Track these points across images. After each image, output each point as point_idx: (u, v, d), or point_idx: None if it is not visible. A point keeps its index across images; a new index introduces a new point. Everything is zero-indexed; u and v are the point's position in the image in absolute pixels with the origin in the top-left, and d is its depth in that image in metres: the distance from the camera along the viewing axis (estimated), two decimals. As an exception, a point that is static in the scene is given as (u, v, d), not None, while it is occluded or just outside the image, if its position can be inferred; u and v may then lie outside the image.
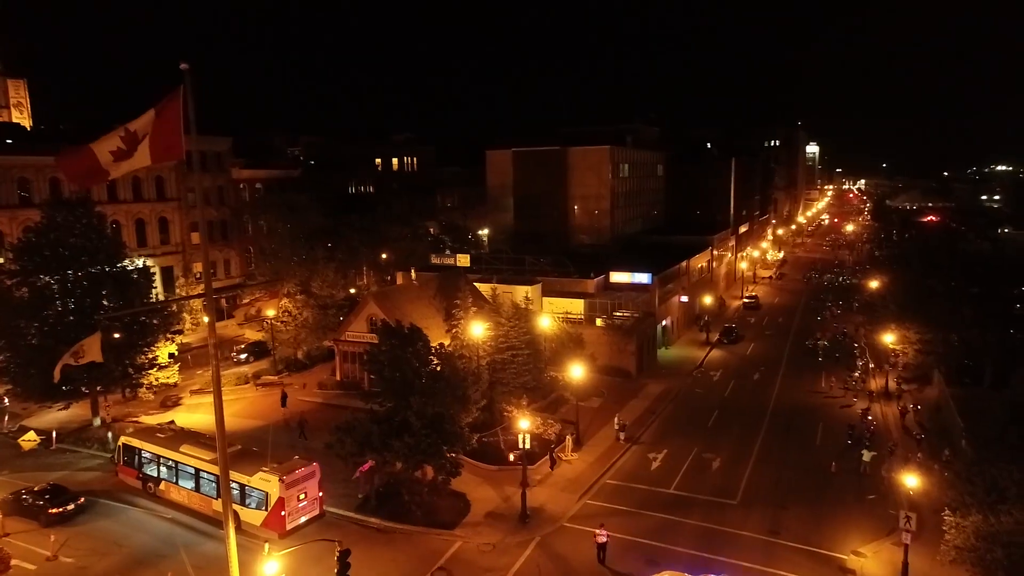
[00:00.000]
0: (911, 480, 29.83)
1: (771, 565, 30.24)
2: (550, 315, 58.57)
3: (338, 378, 55.32)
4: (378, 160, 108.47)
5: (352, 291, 73.82)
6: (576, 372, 46.19)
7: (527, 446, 35.97)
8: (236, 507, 31.90)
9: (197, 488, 34.55)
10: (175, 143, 14.85)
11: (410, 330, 36.55)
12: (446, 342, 44.74)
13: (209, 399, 49.76)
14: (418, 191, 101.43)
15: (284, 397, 50.18)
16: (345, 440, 33.40)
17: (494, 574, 29.64)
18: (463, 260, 69.81)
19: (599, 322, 61.18)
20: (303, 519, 32.55)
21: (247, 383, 55.98)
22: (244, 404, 51.86)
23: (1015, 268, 66.65)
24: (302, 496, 32.48)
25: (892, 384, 54.77)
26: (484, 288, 58.82)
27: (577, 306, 62.66)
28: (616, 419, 46.04)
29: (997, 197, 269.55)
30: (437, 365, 37.35)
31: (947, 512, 26.06)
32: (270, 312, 58.62)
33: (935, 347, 53.40)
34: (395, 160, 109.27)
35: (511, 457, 39.29)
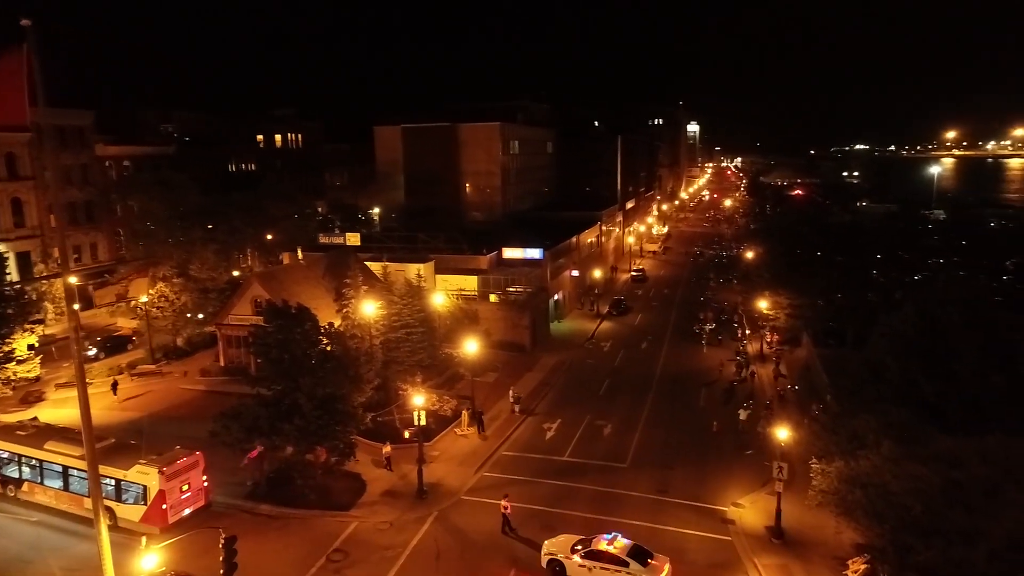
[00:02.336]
0: (783, 433, 32.00)
1: (660, 522, 31.74)
2: (444, 292, 58.39)
3: (222, 364, 52.85)
4: (260, 136, 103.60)
5: (236, 273, 70.45)
6: (471, 348, 46.33)
7: (423, 423, 35.81)
8: (111, 503, 30.00)
9: (66, 487, 32.12)
10: (17, 106, 13.45)
11: (298, 310, 35.28)
12: (337, 322, 43.61)
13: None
14: (304, 168, 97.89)
15: (115, 385, 47.68)
16: (231, 426, 31.99)
17: (392, 551, 29.45)
18: (353, 239, 68.19)
19: (493, 298, 61.55)
20: (187, 511, 30.97)
21: (121, 374, 52.42)
22: (119, 395, 48.59)
23: (872, 238, 72.72)
24: (185, 487, 30.89)
25: (767, 347, 58.48)
26: (375, 267, 57.78)
27: (471, 283, 62.74)
28: (511, 392, 46.64)
29: (856, 173, 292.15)
30: (328, 345, 36.31)
31: (814, 461, 28.15)
32: (143, 298, 54.94)
33: (804, 311, 57.46)
34: (278, 136, 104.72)
35: (406, 434, 39.02)
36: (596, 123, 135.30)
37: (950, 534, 21.35)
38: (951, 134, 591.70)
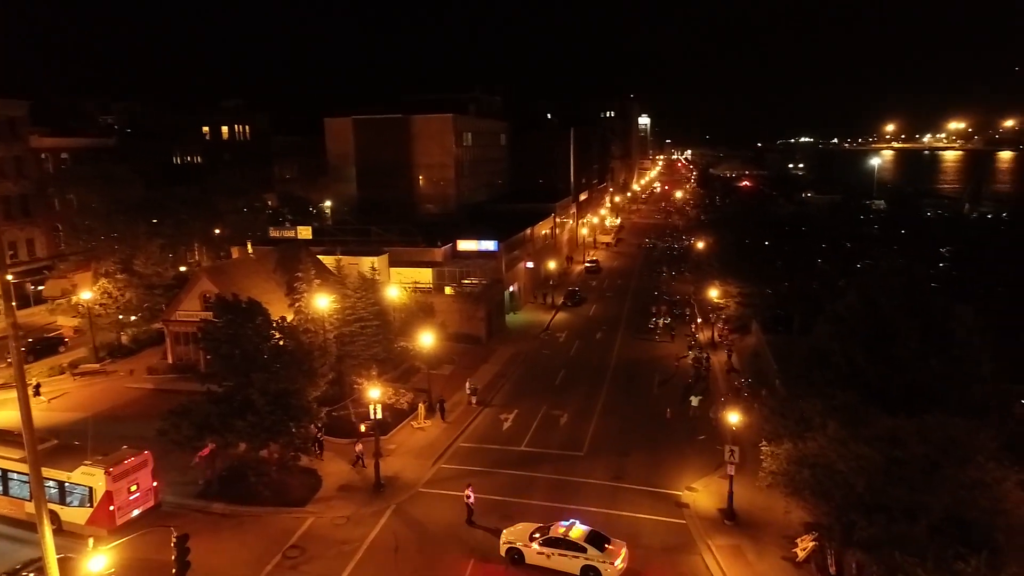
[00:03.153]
0: (734, 418, 32.79)
1: (616, 507, 32.24)
2: (399, 285, 57.94)
3: (170, 361, 51.48)
4: (206, 128, 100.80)
5: (183, 269, 68.67)
6: (427, 341, 46.14)
7: (379, 416, 35.57)
8: (55, 507, 29.00)
9: (5, 491, 30.93)
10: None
11: (249, 304, 34.60)
12: (289, 316, 42.90)
13: (15, 394, 44.51)
14: (253, 161, 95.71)
15: (37, 387, 45.88)
16: (180, 424, 31.20)
17: (350, 546, 29.23)
18: (304, 232, 67.09)
19: (448, 290, 61.39)
20: (136, 512, 30.16)
21: (63, 373, 50.63)
22: (62, 396, 46.95)
23: (816, 228, 74.87)
24: (133, 488, 30.07)
25: (718, 335, 59.75)
26: (328, 260, 56.97)
27: (426, 275, 62.42)
28: (468, 384, 46.66)
29: (801, 165, 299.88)
30: (280, 340, 35.74)
31: (764, 443, 28.93)
32: (84, 294, 53.02)
33: (753, 300, 58.86)
34: (225, 128, 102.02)
35: (362, 428, 38.69)
36: (549, 115, 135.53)
37: (892, 510, 22.23)
38: (890, 127, 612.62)
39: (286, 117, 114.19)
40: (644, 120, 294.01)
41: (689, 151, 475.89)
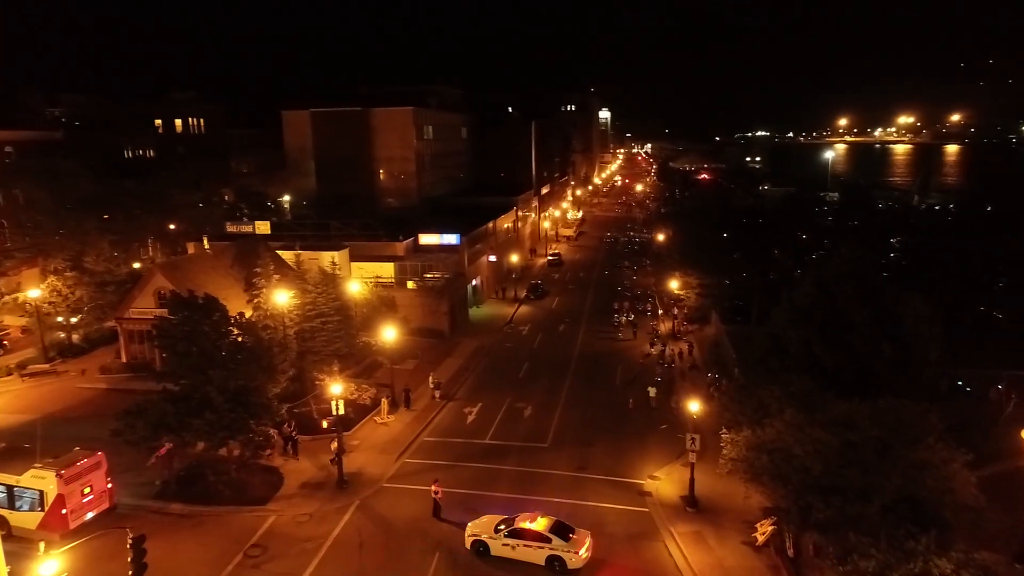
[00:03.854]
0: (694, 406, 33.30)
1: (580, 498, 32.52)
2: (360, 280, 57.36)
3: (124, 360, 50.15)
4: (158, 121, 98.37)
5: (137, 265, 66.82)
6: (389, 335, 45.81)
7: (341, 412, 35.23)
8: (4, 512, 28.28)
9: (-50, 497, 29.79)
10: None
11: (205, 300, 33.89)
12: (248, 312, 42.14)
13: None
14: (208, 155, 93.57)
15: None
16: (136, 424, 30.44)
17: (313, 543, 28.92)
18: (263, 227, 65.81)
19: (411, 284, 61.00)
20: (90, 515, 29.33)
21: (10, 375, 48.94)
22: (9, 398, 45.44)
23: (773, 220, 76.28)
24: (87, 490, 29.24)
25: (679, 326, 60.56)
26: (287, 255, 56.09)
27: (387, 269, 61.93)
28: (431, 378, 46.50)
29: (758, 159, 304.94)
30: (239, 336, 35.09)
31: (724, 431, 29.50)
32: (31, 292, 51.28)
33: (712, 291, 59.84)
34: (178, 121, 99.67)
35: (324, 424, 38.28)
36: (510, 109, 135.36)
37: (847, 492, 22.88)
38: (843, 121, 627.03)
39: (243, 110, 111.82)
40: (605, 114, 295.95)
41: (649, 145, 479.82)
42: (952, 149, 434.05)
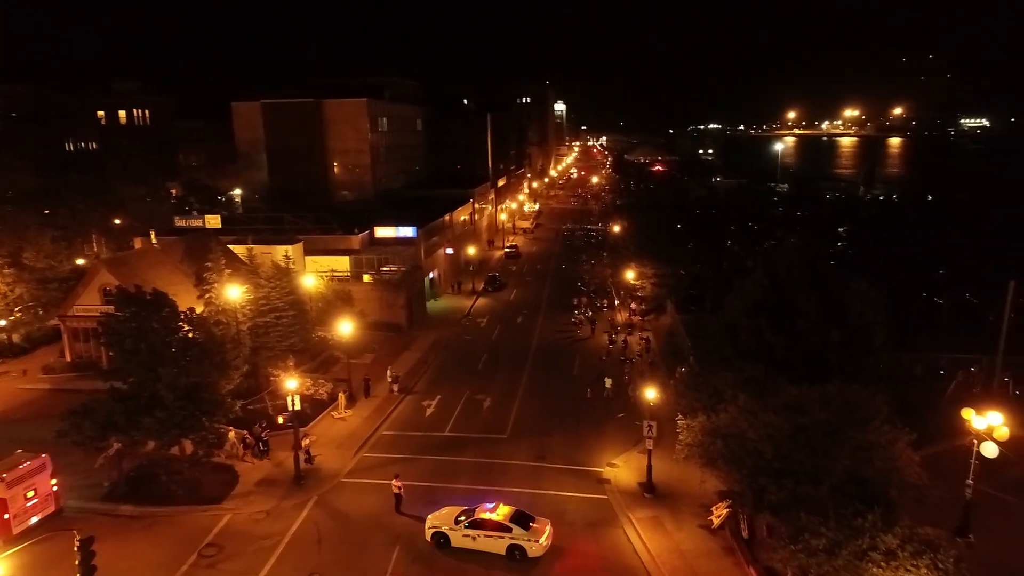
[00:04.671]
0: (651, 394, 33.79)
1: (540, 487, 32.71)
2: (315, 274, 56.57)
3: (69, 359, 48.53)
4: (101, 113, 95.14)
5: (81, 261, 64.62)
6: (346, 329, 45.32)
7: (297, 408, 34.74)
8: (-58, 519, 26.92)
9: None
10: None
11: (153, 296, 32.95)
12: (199, 308, 41.14)
13: None
14: (155, 147, 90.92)
15: None
16: (82, 424, 29.49)
17: (271, 540, 28.47)
18: (213, 221, 64.36)
19: (367, 278, 60.38)
20: (34, 519, 28.37)
21: (-54, 377, 46.95)
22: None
23: (726, 211, 77.83)
24: (31, 494, 28.25)
25: (635, 316, 61.27)
26: (239, 250, 54.85)
27: (343, 263, 61.16)
28: (389, 372, 46.15)
29: (711, 151, 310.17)
30: (189, 332, 34.25)
31: (680, 418, 29.99)
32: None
33: (667, 281, 60.75)
34: (122, 112, 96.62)
35: (280, 420, 37.70)
36: (465, 101, 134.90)
37: (798, 474, 23.53)
38: (792, 114, 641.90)
39: (191, 101, 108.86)
40: (560, 106, 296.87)
41: (604, 137, 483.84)
42: (895, 141, 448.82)
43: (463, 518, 28.00)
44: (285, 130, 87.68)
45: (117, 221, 70.21)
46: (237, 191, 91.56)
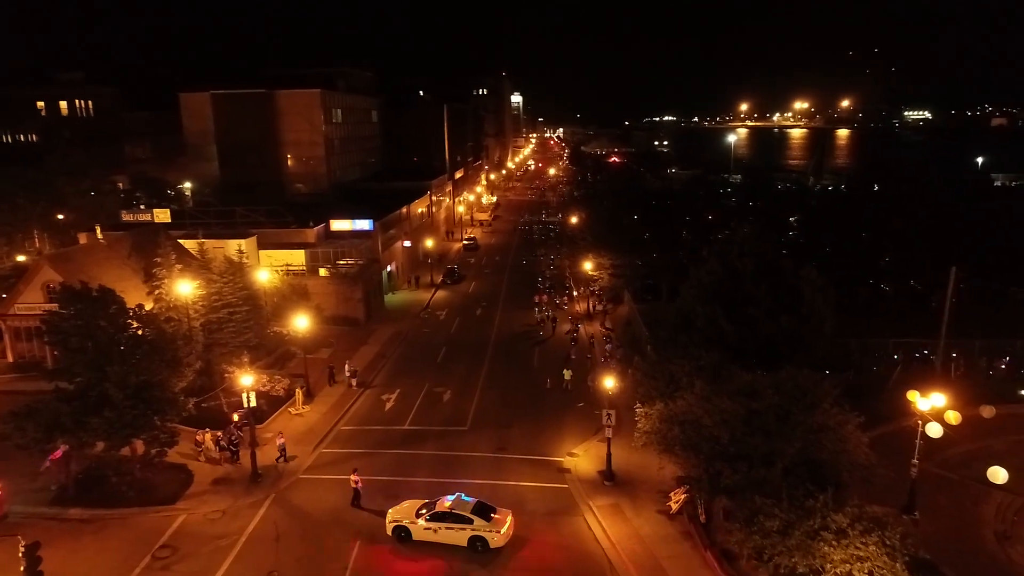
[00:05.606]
0: (609, 383, 34.13)
1: (501, 478, 32.80)
2: (269, 268, 55.55)
3: (10, 360, 46.75)
4: (40, 104, 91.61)
5: (21, 258, 62.28)
6: (302, 324, 44.63)
7: (253, 404, 34.12)
8: None
9: None
10: None
11: (100, 292, 31.92)
12: (148, 305, 40.02)
13: None
14: (99, 139, 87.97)
15: None
16: (25, 426, 28.47)
17: (227, 539, 27.95)
18: (162, 215, 62.46)
19: (323, 272, 59.54)
20: (-23, 526, 27.34)
21: None
22: None
23: (680, 201, 78.84)
24: (-28, 500, 27.20)
25: (593, 306, 61.78)
26: (190, 244, 53.52)
27: (298, 257, 60.20)
28: (346, 366, 45.63)
29: (666, 143, 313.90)
30: (139, 329, 33.29)
31: (638, 405, 30.37)
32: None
33: (625, 271, 61.27)
34: (63, 104, 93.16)
35: (235, 418, 36.95)
36: (421, 92, 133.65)
37: (752, 457, 24.05)
38: (744, 107, 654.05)
39: (137, 92, 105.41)
40: (517, 98, 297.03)
41: (561, 129, 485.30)
42: (843, 133, 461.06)
43: (424, 511, 27.92)
44: (236, 122, 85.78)
45: (60, 216, 67.80)
46: (187, 184, 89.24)
